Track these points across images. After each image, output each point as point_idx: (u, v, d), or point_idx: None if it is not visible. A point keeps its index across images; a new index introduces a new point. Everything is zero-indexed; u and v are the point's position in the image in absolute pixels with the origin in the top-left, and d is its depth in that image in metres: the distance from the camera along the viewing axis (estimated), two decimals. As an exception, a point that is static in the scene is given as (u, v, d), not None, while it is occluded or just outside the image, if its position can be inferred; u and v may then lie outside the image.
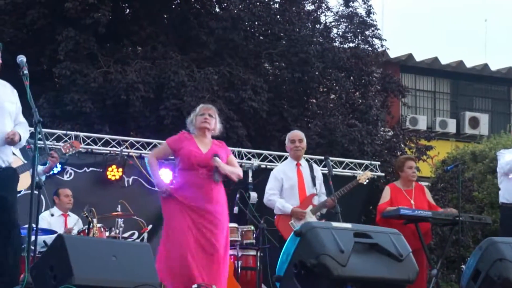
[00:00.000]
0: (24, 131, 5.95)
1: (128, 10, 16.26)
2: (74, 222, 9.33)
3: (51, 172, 9.21)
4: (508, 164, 7.99)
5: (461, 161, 13.84)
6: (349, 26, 17.06)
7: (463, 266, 7.54)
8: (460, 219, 8.32)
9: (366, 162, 12.81)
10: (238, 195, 9.38)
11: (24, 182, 6.35)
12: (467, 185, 16.34)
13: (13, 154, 6.38)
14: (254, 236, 9.33)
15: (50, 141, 10.57)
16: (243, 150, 12.25)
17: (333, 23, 17.41)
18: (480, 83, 24.54)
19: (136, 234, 10.74)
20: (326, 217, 8.01)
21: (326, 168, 7.93)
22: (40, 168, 7.06)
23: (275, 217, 8.14)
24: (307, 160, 7.99)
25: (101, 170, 11.06)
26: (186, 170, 6.74)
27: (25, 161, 6.55)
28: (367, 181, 8.49)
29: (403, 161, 8.62)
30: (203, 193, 6.68)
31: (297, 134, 8.25)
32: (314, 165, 8.34)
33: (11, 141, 5.74)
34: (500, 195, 8.19)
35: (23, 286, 5.05)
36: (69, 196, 9.47)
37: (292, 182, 8.06)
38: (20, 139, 5.84)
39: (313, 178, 8.01)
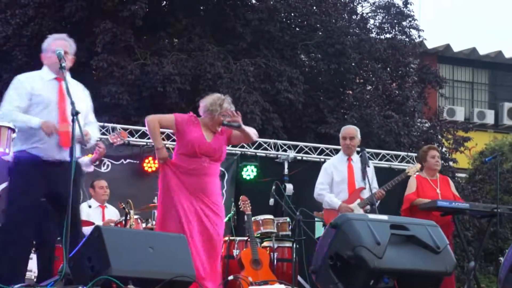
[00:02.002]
0: (94, 130, 6.12)
1: (164, 2, 16.34)
2: (111, 214, 9.39)
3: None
4: None
5: (500, 152, 13.72)
6: (386, 16, 16.98)
7: (501, 258, 7.46)
8: (498, 211, 8.23)
9: (403, 153, 12.72)
10: (274, 187, 9.37)
11: None
12: (506, 176, 16.22)
13: None
14: (290, 228, 9.32)
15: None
16: (279, 141, 12.24)
17: (369, 14, 17.34)
18: (519, 74, 24.26)
19: (173, 225, 10.78)
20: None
21: (381, 162, 7.84)
22: (87, 158, 7.11)
23: (323, 211, 8.13)
24: (361, 155, 7.91)
25: (138, 162, 11.11)
26: (187, 156, 6.61)
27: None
28: (417, 173, 8.41)
29: (426, 150, 8.55)
30: (203, 181, 6.59)
31: (349, 131, 8.20)
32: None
33: (84, 141, 5.82)
34: None
35: (61, 276, 5.10)
36: (103, 187, 9.51)
37: (342, 176, 8.04)
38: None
39: (364, 172, 7.91)
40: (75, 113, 5.44)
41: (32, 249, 6.60)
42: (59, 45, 6.05)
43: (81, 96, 6.10)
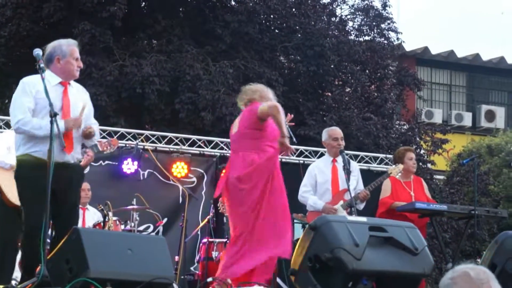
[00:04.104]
0: (96, 130, 6.13)
1: (143, 3, 16.30)
2: (92, 216, 9.36)
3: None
4: None
5: (477, 154, 13.82)
6: (365, 19, 17.04)
7: (479, 260, 7.51)
8: (476, 213, 8.28)
9: (381, 155, 12.77)
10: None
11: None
12: (483, 178, 16.31)
13: None
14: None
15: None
16: (258, 143, 12.22)
17: (348, 16, 17.40)
18: (496, 76, 24.45)
19: (151, 227, 10.77)
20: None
21: (359, 164, 7.88)
22: None
23: (307, 213, 8.15)
24: (343, 156, 7.94)
25: (117, 163, 11.08)
26: (272, 143, 6.64)
27: None
28: (400, 174, 8.42)
29: (403, 152, 8.52)
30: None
31: (339, 131, 8.22)
32: (352, 162, 8.31)
33: (89, 134, 5.89)
34: None
35: (39, 278, 5.08)
36: (85, 190, 9.48)
37: (326, 177, 8.06)
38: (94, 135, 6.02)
39: (348, 173, 7.91)
40: (54, 115, 5.42)
41: None
42: (70, 52, 6.17)
43: (84, 99, 6.13)
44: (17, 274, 7.20)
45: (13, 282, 7.35)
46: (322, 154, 8.40)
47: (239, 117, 6.82)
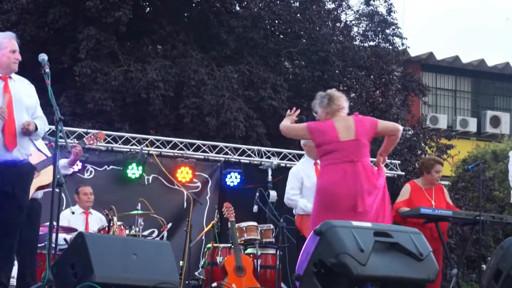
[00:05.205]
0: (41, 123, 5.92)
1: (148, 8, 16.32)
2: (96, 220, 9.36)
3: (76, 169, 9.23)
4: None
5: (482, 160, 13.77)
6: (370, 24, 17.03)
7: (484, 266, 7.50)
8: (481, 219, 8.26)
9: (386, 161, 12.75)
10: (257, 194, 9.37)
11: (45, 178, 6.37)
12: (488, 184, 16.29)
13: (39, 150, 6.40)
14: (273, 235, 9.32)
15: (71, 139, 10.61)
16: (263, 148, 12.24)
17: (353, 22, 17.39)
18: (501, 82, 24.41)
19: (156, 232, 10.77)
20: None
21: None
22: (64, 161, 7.06)
23: (295, 216, 8.12)
24: None
25: (121, 168, 11.08)
26: None
27: (49, 156, 6.54)
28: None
29: (432, 163, 8.50)
30: None
31: None
32: None
33: (26, 130, 5.71)
34: None
35: (44, 283, 5.08)
36: (87, 194, 9.49)
37: (312, 181, 8.04)
38: (36, 129, 5.80)
39: None
40: (59, 120, 5.41)
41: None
42: (5, 44, 5.84)
43: (28, 92, 5.94)
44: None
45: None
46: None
47: (351, 125, 6.72)
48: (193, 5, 16.21)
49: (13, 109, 5.69)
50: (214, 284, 8.57)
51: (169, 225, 10.61)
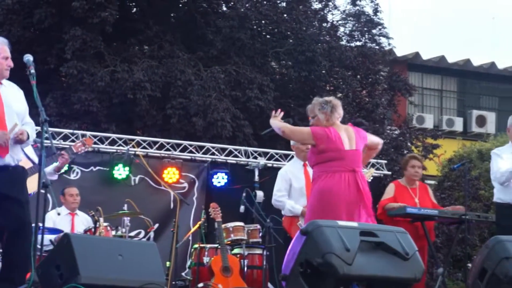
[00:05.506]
0: (31, 130, 5.94)
1: (135, 9, 16.29)
2: (82, 222, 9.35)
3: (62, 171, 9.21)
4: (503, 175, 7.81)
5: (468, 159, 13.82)
6: (356, 24, 17.07)
7: (469, 265, 7.53)
8: (467, 218, 8.30)
9: (373, 160, 12.78)
10: (244, 194, 9.37)
11: (30, 186, 6.35)
12: (474, 183, 16.33)
13: (27, 157, 6.38)
14: (260, 235, 9.34)
15: (57, 140, 10.59)
16: (250, 149, 12.25)
17: (340, 22, 17.42)
18: (487, 82, 24.50)
19: (143, 233, 10.76)
20: None
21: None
22: (51, 167, 7.05)
23: (283, 217, 8.14)
24: None
25: (108, 169, 11.06)
26: None
27: (36, 163, 6.55)
28: (371, 178, 8.49)
29: (407, 159, 8.66)
30: None
31: None
32: None
33: (19, 140, 5.75)
34: (494, 193, 8.10)
35: (29, 284, 5.07)
36: (74, 195, 9.47)
37: (301, 183, 8.06)
38: (28, 138, 5.84)
39: None
40: (45, 120, 5.40)
41: None
42: (4, 49, 5.85)
43: (18, 97, 5.94)
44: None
45: None
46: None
47: (352, 135, 6.73)
48: (180, 5, 16.19)
49: (5, 116, 5.69)
50: (201, 285, 8.58)
51: (156, 225, 10.60)
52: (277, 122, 6.85)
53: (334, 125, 6.74)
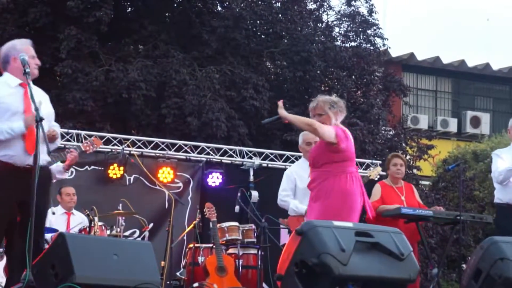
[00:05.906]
0: (59, 132, 6.07)
1: (129, 8, 16.28)
2: (79, 221, 9.33)
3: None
4: (501, 174, 7.86)
5: (462, 160, 13.84)
6: (351, 25, 17.08)
7: (464, 265, 7.53)
8: (461, 218, 8.30)
9: (367, 161, 12.79)
10: (239, 194, 9.37)
11: None
12: (468, 184, 16.37)
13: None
14: (255, 235, 9.33)
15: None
16: (244, 148, 12.24)
17: (335, 22, 17.43)
18: (482, 82, 24.54)
19: (137, 232, 10.75)
20: None
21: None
22: (60, 165, 7.01)
23: (288, 217, 8.14)
24: None
25: (103, 168, 11.05)
26: None
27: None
28: (378, 176, 8.49)
29: (389, 158, 8.66)
30: None
31: (312, 136, 8.20)
32: None
33: (52, 137, 5.80)
34: (495, 193, 8.16)
35: (24, 283, 5.06)
36: (70, 194, 9.46)
37: (305, 183, 8.05)
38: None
39: None
40: (40, 119, 5.39)
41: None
42: (24, 50, 5.92)
43: (45, 100, 6.02)
44: (1, 279, 7.17)
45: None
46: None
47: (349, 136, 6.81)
48: (175, 5, 16.18)
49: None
50: (196, 284, 8.57)
51: (151, 225, 10.60)
52: (300, 117, 6.93)
53: (339, 125, 6.80)
